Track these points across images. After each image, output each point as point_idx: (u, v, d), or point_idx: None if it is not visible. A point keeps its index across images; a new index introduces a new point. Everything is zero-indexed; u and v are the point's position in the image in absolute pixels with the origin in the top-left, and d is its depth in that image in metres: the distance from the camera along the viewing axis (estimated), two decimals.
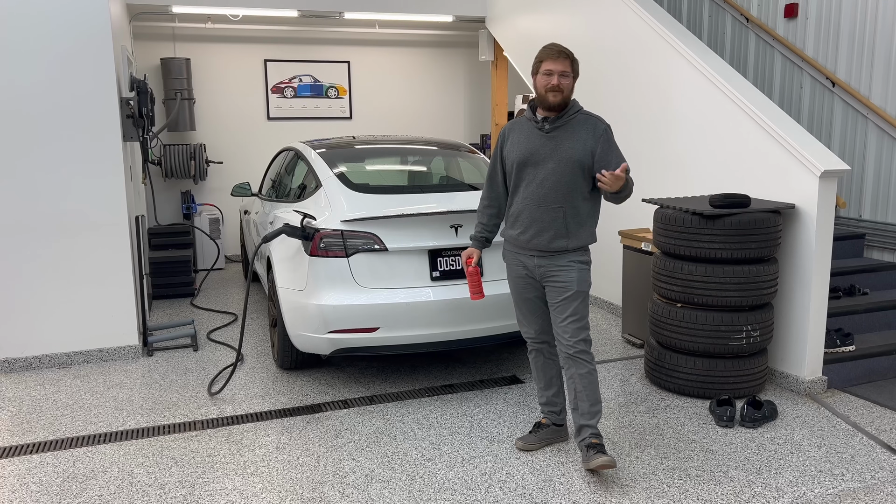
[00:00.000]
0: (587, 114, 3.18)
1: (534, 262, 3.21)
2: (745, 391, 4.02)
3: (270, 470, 3.27)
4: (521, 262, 3.27)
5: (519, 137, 3.21)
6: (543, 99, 3.11)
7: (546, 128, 3.14)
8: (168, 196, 8.16)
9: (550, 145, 3.12)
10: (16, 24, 4.39)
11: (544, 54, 3.12)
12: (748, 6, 6.36)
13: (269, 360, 4.80)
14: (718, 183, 4.61)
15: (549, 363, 3.43)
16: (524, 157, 3.16)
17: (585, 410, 3.18)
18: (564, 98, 3.09)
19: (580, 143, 3.10)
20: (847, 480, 3.14)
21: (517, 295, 3.35)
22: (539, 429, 3.49)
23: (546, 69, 3.09)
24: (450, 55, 9.09)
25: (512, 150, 3.22)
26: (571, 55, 3.12)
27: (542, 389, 3.48)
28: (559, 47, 3.10)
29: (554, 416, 3.49)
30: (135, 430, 3.72)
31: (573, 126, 3.13)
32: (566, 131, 3.12)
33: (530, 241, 3.17)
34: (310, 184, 4.64)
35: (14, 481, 3.20)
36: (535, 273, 3.23)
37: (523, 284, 3.30)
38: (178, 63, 7.69)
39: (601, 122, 3.16)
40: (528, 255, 3.22)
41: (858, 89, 5.33)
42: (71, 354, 4.73)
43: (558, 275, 3.16)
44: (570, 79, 3.10)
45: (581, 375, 3.16)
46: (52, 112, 4.50)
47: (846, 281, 4.83)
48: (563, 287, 3.16)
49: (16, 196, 4.50)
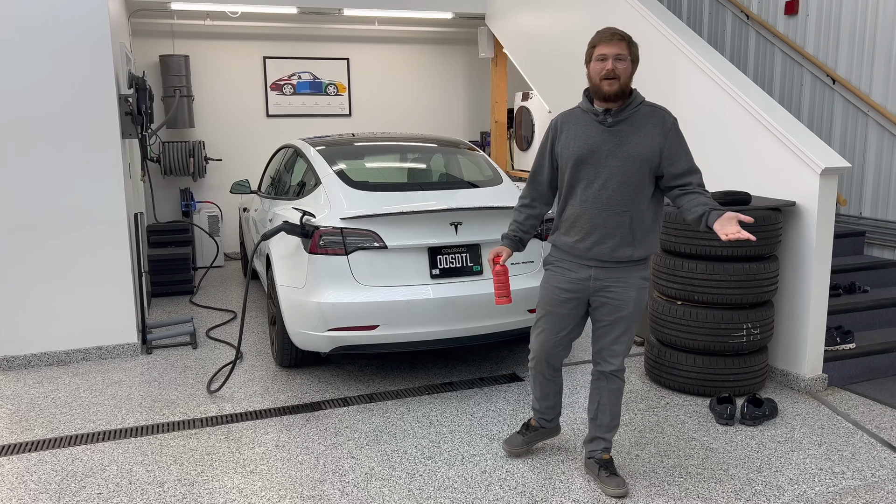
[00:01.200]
0: (651, 105, 2.86)
1: (589, 273, 2.89)
2: (746, 389, 4.02)
3: (270, 468, 3.26)
4: (570, 273, 2.93)
5: (576, 131, 2.85)
6: (598, 88, 2.77)
7: (608, 121, 2.80)
8: (167, 193, 8.15)
9: (614, 141, 2.79)
10: (14, 22, 4.37)
11: (597, 38, 2.79)
12: (748, 3, 6.34)
13: (268, 357, 4.79)
14: (719, 180, 4.60)
15: (548, 383, 3.19)
16: (583, 154, 2.82)
17: (605, 423, 3.08)
18: (622, 86, 2.74)
19: (648, 139, 2.78)
20: (847, 478, 3.13)
21: (550, 305, 3.00)
22: (528, 430, 3.33)
23: (599, 54, 2.76)
24: (449, 52, 9.07)
25: (567, 144, 2.86)
26: (628, 37, 2.77)
27: (536, 399, 3.28)
28: (613, 29, 2.78)
29: (544, 421, 3.33)
30: (134, 428, 3.71)
31: (638, 119, 2.81)
32: (631, 125, 2.80)
33: (590, 249, 2.84)
34: (309, 181, 4.63)
35: (13, 479, 3.19)
36: (586, 286, 2.91)
37: (563, 298, 2.96)
38: (177, 60, 7.67)
39: (668, 114, 2.84)
40: (582, 266, 2.90)
41: (859, 86, 5.32)
42: (70, 352, 4.72)
43: (614, 290, 2.88)
44: (627, 63, 2.75)
45: (611, 391, 3.02)
46: (50, 109, 4.49)
47: (846, 278, 4.83)
48: (617, 305, 2.89)
49: (14, 193, 4.49)
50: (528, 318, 4.27)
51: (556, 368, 3.14)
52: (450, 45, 9.05)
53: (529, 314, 4.27)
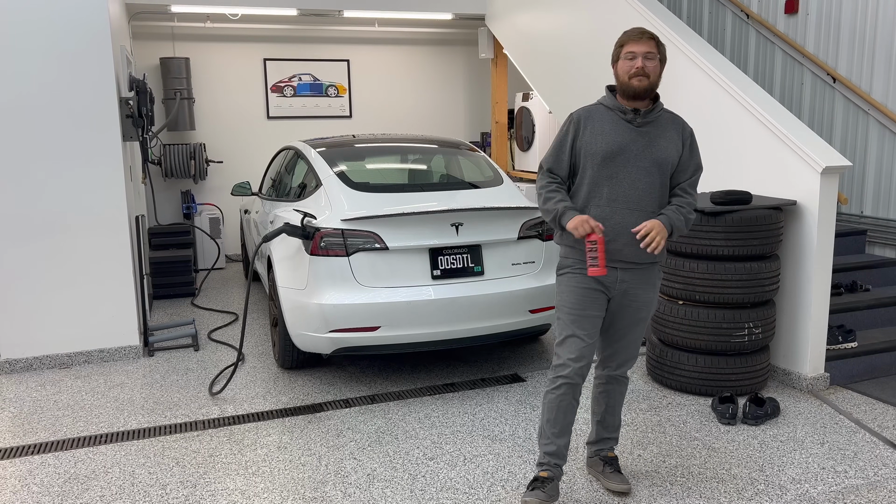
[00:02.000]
0: (671, 113, 2.86)
1: (616, 275, 2.80)
2: (748, 388, 4.01)
3: (272, 470, 3.27)
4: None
5: (602, 127, 2.77)
6: (627, 86, 2.72)
7: (638, 120, 2.75)
8: (168, 196, 8.15)
9: (643, 141, 2.75)
10: (15, 25, 4.38)
11: (625, 37, 2.76)
12: (748, 2, 6.34)
13: (270, 359, 4.79)
14: (719, 180, 4.60)
15: (573, 405, 2.85)
16: (613, 150, 2.74)
17: (612, 424, 3.08)
18: (651, 84, 2.71)
19: (672, 144, 2.78)
20: (850, 477, 3.13)
21: (578, 310, 2.79)
22: (545, 484, 2.83)
23: (628, 52, 2.72)
24: (449, 53, 9.07)
25: (594, 140, 2.76)
26: (657, 38, 2.75)
27: (554, 436, 2.85)
28: (642, 28, 2.76)
29: (558, 470, 2.89)
30: (136, 431, 3.71)
31: (662, 123, 2.80)
32: (658, 128, 2.78)
33: (621, 250, 2.76)
34: (310, 183, 4.63)
35: (15, 482, 3.20)
36: (612, 288, 2.81)
37: (591, 299, 2.80)
38: (178, 62, 7.68)
39: (686, 123, 2.86)
40: (608, 267, 2.79)
41: (859, 85, 5.32)
42: (72, 355, 4.73)
43: (638, 292, 2.83)
44: (656, 62, 2.72)
45: (621, 392, 3.03)
46: (51, 112, 4.50)
47: (848, 277, 4.83)
48: (639, 306, 2.85)
49: (15, 196, 4.50)
50: (529, 318, 4.27)
51: (583, 383, 2.87)
52: (450, 45, 9.05)
53: (531, 315, 4.27)
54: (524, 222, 4.29)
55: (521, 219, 4.28)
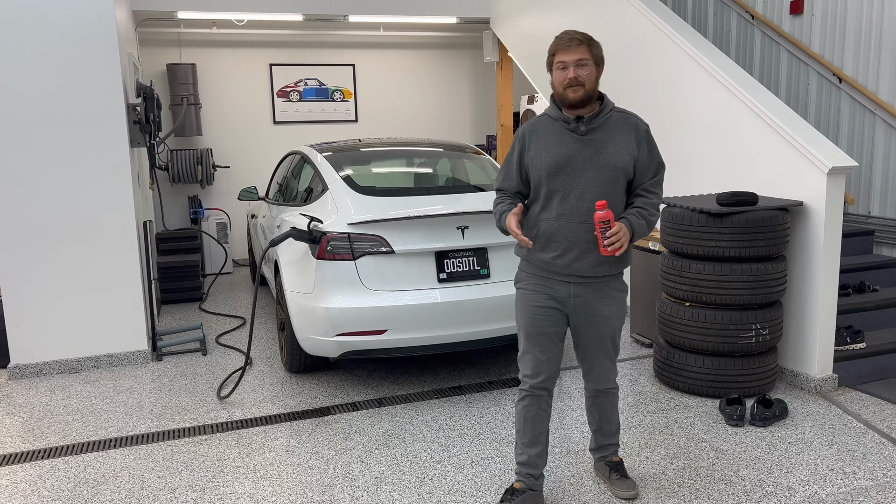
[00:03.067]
0: (623, 111, 2.72)
1: (569, 290, 2.73)
2: (755, 390, 4.00)
3: (280, 473, 3.28)
4: (547, 291, 2.75)
5: (547, 140, 2.68)
6: (563, 98, 2.64)
7: (581, 129, 2.64)
8: (175, 201, 8.19)
9: (588, 150, 2.64)
10: (23, 32, 4.42)
11: (555, 45, 2.64)
12: (753, 3, 6.34)
13: (277, 363, 4.81)
14: (725, 181, 4.60)
15: (541, 416, 2.84)
16: (557, 165, 2.64)
17: (609, 431, 3.05)
18: (587, 92, 2.60)
19: (623, 147, 2.65)
20: (859, 479, 3.12)
21: (532, 328, 2.77)
22: (513, 497, 2.83)
23: (559, 61, 2.62)
24: (454, 57, 9.09)
25: (539, 155, 2.68)
26: (589, 39, 2.61)
27: (524, 446, 2.86)
28: (572, 33, 2.62)
29: (531, 480, 2.88)
30: (145, 435, 3.73)
31: (611, 126, 2.67)
32: (605, 133, 2.66)
33: (570, 265, 2.68)
34: (316, 187, 4.65)
35: (26, 487, 3.22)
36: (567, 303, 2.75)
37: (545, 316, 2.76)
38: (184, 68, 7.72)
39: (641, 121, 2.72)
40: (561, 282, 2.73)
41: (866, 85, 5.30)
42: (81, 360, 4.75)
43: (596, 307, 2.74)
44: (590, 68, 2.60)
45: (611, 402, 2.99)
46: (59, 119, 4.53)
47: (856, 278, 4.81)
48: (599, 322, 2.76)
49: (24, 202, 4.53)
50: None
51: (551, 394, 2.86)
52: (455, 49, 9.07)
53: None
54: None
55: None
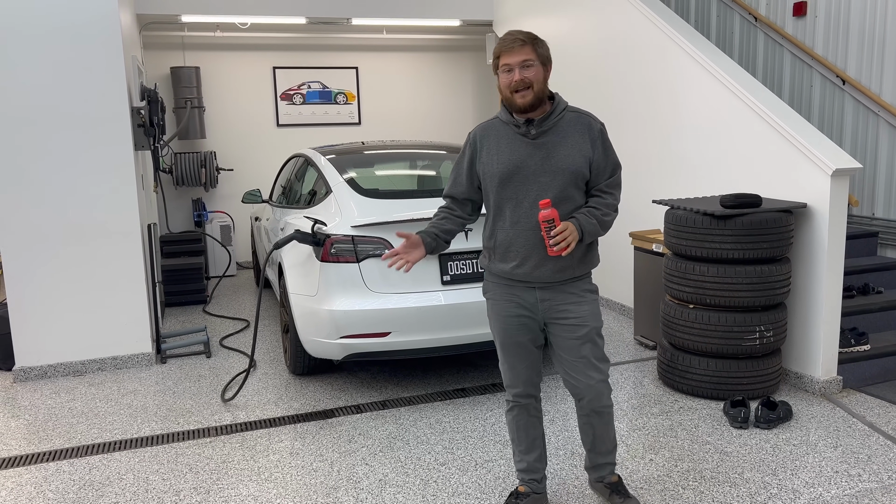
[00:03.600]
0: (576, 111, 2.61)
1: (535, 295, 2.64)
2: (760, 392, 4.00)
3: (284, 476, 3.28)
4: (515, 298, 2.66)
5: (498, 146, 2.59)
6: (511, 102, 2.52)
7: (532, 133, 2.55)
8: (179, 204, 8.21)
9: (540, 154, 2.54)
10: (27, 35, 4.44)
11: (499, 47, 2.51)
12: (756, 5, 6.34)
13: (281, 365, 4.81)
14: (729, 183, 4.59)
15: (533, 422, 2.83)
16: (509, 171, 2.55)
17: (605, 450, 2.86)
18: (536, 94, 2.49)
19: (576, 150, 2.54)
20: (864, 481, 3.11)
21: (506, 338, 2.70)
22: (518, 500, 2.86)
23: (504, 64, 2.50)
24: (457, 59, 9.10)
25: (490, 161, 2.60)
26: (532, 38, 2.49)
27: (522, 453, 2.87)
28: (515, 34, 2.49)
29: (535, 484, 2.88)
30: (149, 437, 3.74)
31: (563, 128, 2.56)
32: (556, 135, 2.55)
33: (531, 273, 2.59)
34: (320, 190, 4.66)
35: (31, 489, 3.23)
36: (535, 310, 2.66)
37: (516, 325, 2.67)
38: (188, 72, 7.75)
39: (595, 120, 2.61)
40: (526, 289, 2.64)
41: (869, 87, 5.30)
42: (85, 362, 4.77)
43: (568, 309, 2.62)
44: (536, 68, 2.48)
45: (603, 423, 2.78)
46: (63, 122, 4.55)
47: (860, 279, 4.80)
48: (574, 324, 2.62)
49: (29, 205, 4.55)
50: None
51: (538, 399, 2.82)
52: (458, 52, 9.08)
53: None
54: None
55: None
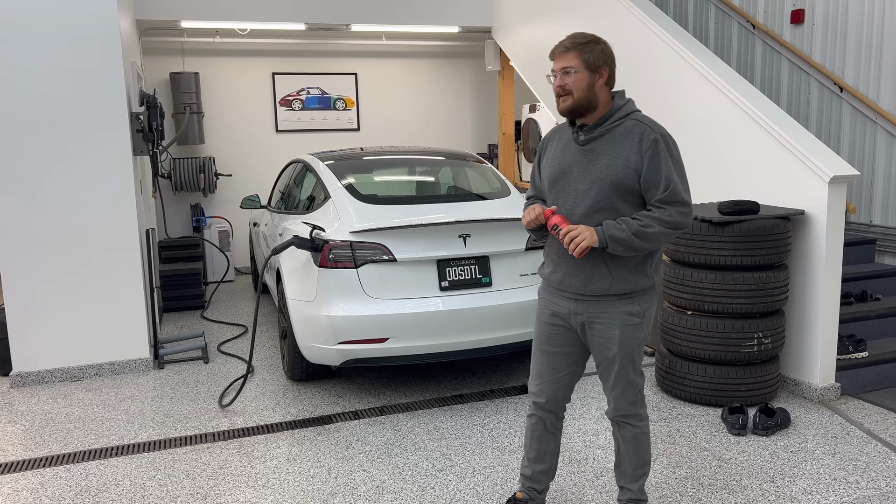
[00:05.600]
0: (638, 119, 2.46)
1: (569, 306, 2.58)
2: (758, 399, 4.00)
3: (282, 482, 3.27)
4: (552, 305, 2.64)
5: (556, 149, 2.60)
6: (557, 106, 2.51)
7: (581, 138, 2.50)
8: (178, 209, 8.21)
9: (584, 161, 2.48)
10: (26, 40, 4.44)
11: (550, 54, 2.54)
12: (754, 13, 6.36)
13: (279, 371, 4.81)
14: (727, 190, 4.60)
15: (547, 436, 2.79)
16: (556, 175, 2.55)
17: (628, 473, 2.74)
18: (576, 100, 2.44)
19: (620, 159, 2.42)
20: (862, 488, 3.11)
21: (539, 343, 2.70)
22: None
23: (552, 70, 2.52)
24: (456, 66, 9.12)
25: (546, 164, 2.62)
26: (577, 45, 2.45)
27: (530, 461, 2.83)
28: (564, 40, 2.49)
29: (534, 493, 2.85)
30: (146, 443, 3.73)
31: (615, 136, 2.45)
32: (605, 143, 2.46)
33: (563, 281, 2.56)
34: (318, 195, 4.66)
35: (27, 495, 3.22)
36: (569, 320, 2.60)
37: (549, 332, 2.65)
38: (187, 77, 7.76)
39: (652, 129, 2.43)
40: (562, 297, 2.59)
41: (867, 94, 5.32)
42: (82, 368, 4.76)
43: (596, 327, 2.54)
44: (578, 75, 2.43)
45: (626, 439, 2.68)
46: (62, 127, 4.55)
47: (858, 286, 4.81)
48: (602, 343, 2.55)
49: (27, 210, 4.54)
50: None
51: (559, 417, 2.77)
52: (457, 58, 9.10)
53: None
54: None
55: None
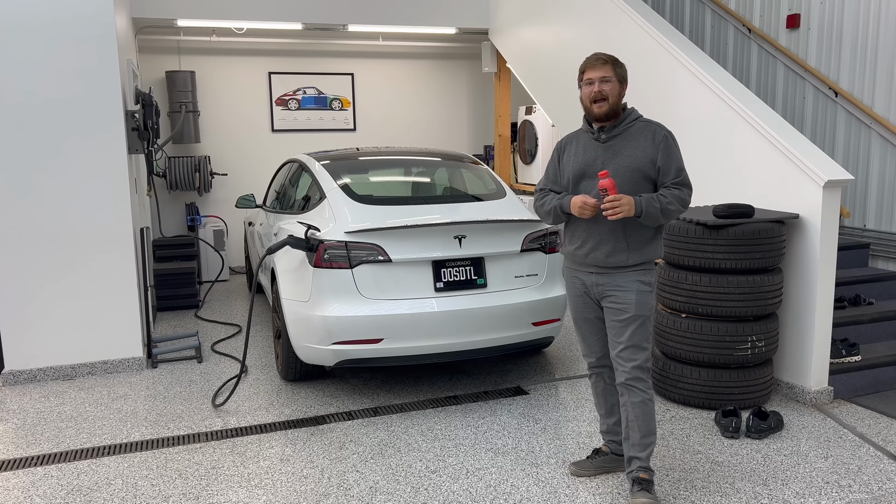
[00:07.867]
0: (647, 121, 3.01)
1: (591, 279, 3.03)
2: (751, 402, 4.00)
3: (275, 482, 3.26)
4: (579, 280, 3.09)
5: (576, 149, 3.06)
6: (589, 111, 2.99)
7: (602, 137, 2.99)
8: (173, 208, 8.19)
9: (607, 155, 2.96)
10: (22, 38, 4.43)
11: (584, 64, 2.99)
12: (750, 17, 6.38)
13: (273, 371, 4.80)
14: (722, 193, 4.61)
15: (610, 389, 3.22)
16: (581, 169, 3.00)
17: (636, 441, 3.00)
18: (612, 106, 2.93)
19: (640, 151, 2.93)
20: (854, 492, 3.12)
21: (576, 314, 3.16)
22: (598, 455, 3.31)
23: (587, 79, 2.96)
24: (453, 67, 9.12)
25: (569, 162, 3.06)
26: (614, 60, 2.97)
27: (603, 417, 3.30)
28: (599, 54, 2.98)
29: (615, 445, 3.29)
30: (139, 443, 3.72)
31: (631, 134, 2.97)
32: (624, 140, 2.96)
33: (587, 255, 3.00)
34: (314, 195, 4.66)
35: (19, 494, 3.20)
36: (592, 292, 3.06)
37: (582, 304, 3.12)
38: (183, 76, 7.74)
39: (661, 128, 2.99)
40: (585, 272, 3.05)
41: (861, 99, 5.34)
42: (75, 366, 4.74)
43: (615, 294, 2.98)
44: (614, 84, 2.93)
45: (634, 404, 2.98)
46: (57, 125, 4.53)
47: (851, 291, 4.82)
48: (619, 308, 2.97)
49: (21, 208, 4.52)
50: (532, 331, 4.27)
51: (612, 369, 3.16)
52: (453, 59, 9.11)
53: (534, 327, 4.27)
54: (527, 235, 4.30)
55: (523, 231, 4.30)
